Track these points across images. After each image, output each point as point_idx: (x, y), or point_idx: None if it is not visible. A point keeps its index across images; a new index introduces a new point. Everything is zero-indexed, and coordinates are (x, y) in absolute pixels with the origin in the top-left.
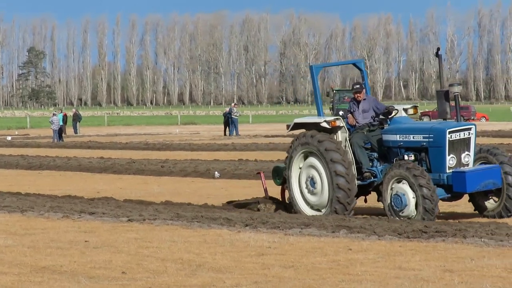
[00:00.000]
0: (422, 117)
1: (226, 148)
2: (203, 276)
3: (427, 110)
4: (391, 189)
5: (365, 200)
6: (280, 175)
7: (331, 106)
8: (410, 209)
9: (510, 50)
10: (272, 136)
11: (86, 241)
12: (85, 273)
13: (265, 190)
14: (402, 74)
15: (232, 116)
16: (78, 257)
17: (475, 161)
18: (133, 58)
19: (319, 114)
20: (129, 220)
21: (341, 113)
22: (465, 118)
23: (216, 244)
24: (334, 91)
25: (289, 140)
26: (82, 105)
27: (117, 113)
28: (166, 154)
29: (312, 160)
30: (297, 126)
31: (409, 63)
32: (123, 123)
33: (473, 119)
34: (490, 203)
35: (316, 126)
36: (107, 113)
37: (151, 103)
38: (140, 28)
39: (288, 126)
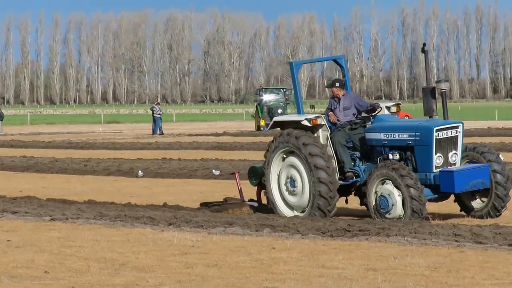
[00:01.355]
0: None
1: (149, 147)
2: (126, 275)
3: None
4: (376, 190)
5: (346, 201)
6: (257, 175)
7: (257, 105)
8: (397, 210)
9: (433, 49)
10: (196, 135)
11: (8, 240)
12: (7, 272)
13: (240, 191)
14: (326, 73)
15: (155, 115)
16: (0, 257)
17: (461, 160)
18: (56, 57)
19: (299, 112)
20: (52, 219)
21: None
22: None
23: (139, 243)
24: (263, 89)
25: (213, 139)
26: (5, 103)
27: (40, 112)
28: (89, 153)
29: (293, 159)
30: (276, 124)
31: (333, 62)
32: (46, 121)
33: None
34: (477, 203)
35: (296, 124)
36: (30, 112)
37: (75, 101)
38: (63, 26)
39: (267, 125)
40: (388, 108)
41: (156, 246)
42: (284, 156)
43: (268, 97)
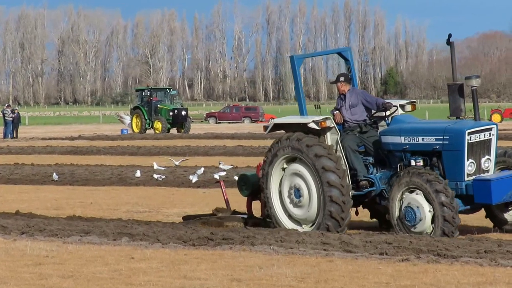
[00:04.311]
0: (208, 119)
1: (0, 151)
2: None
3: (213, 111)
4: (401, 200)
5: (357, 213)
6: (248, 185)
7: (139, 106)
8: (426, 224)
9: (300, 48)
10: (50, 139)
11: None
12: None
13: (227, 202)
14: (187, 73)
15: (6, 118)
16: None
17: (495, 166)
18: None
19: (302, 112)
20: None
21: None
22: (252, 119)
23: None
24: (150, 89)
25: (67, 143)
26: None
27: None
28: None
29: (298, 166)
30: (277, 127)
31: (194, 61)
32: None
33: (261, 121)
34: (510, 215)
35: (301, 127)
36: None
37: None
38: None
39: (265, 128)
40: (402, 107)
41: (8, 256)
42: (285, 165)
43: (155, 98)
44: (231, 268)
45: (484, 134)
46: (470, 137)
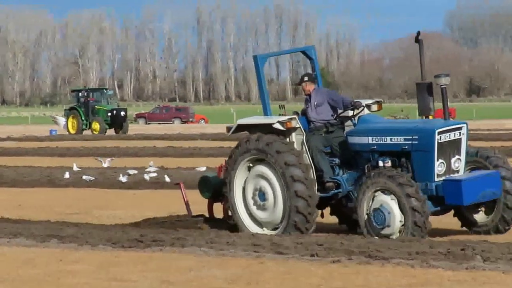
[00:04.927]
0: (138, 119)
1: None
2: None
3: (143, 111)
4: (369, 202)
5: (322, 215)
6: (209, 187)
7: (75, 106)
8: (395, 225)
9: (230, 48)
10: None
11: None
12: None
13: (187, 205)
14: (117, 73)
15: None
16: None
17: (465, 166)
18: None
19: (266, 113)
20: None
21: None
22: (183, 120)
23: None
24: (88, 90)
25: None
26: None
27: None
28: None
29: (262, 168)
30: (241, 128)
31: (124, 62)
32: None
33: (191, 121)
34: (481, 216)
35: (265, 127)
36: None
37: None
38: None
39: (228, 129)
40: (368, 106)
41: None
42: (250, 165)
43: (92, 98)
44: (162, 270)
45: (454, 134)
46: (440, 137)
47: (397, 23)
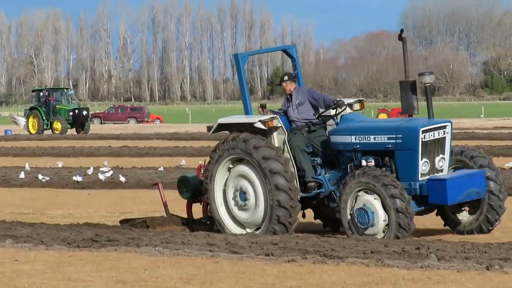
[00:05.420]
0: (93, 119)
1: None
2: None
3: (98, 111)
4: (353, 202)
5: (304, 215)
6: (189, 187)
7: (36, 106)
8: (379, 225)
9: (186, 47)
10: None
11: None
12: None
13: (165, 205)
14: (72, 73)
15: None
16: None
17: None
18: None
19: (247, 112)
20: None
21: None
22: (138, 120)
23: None
24: (48, 89)
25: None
26: None
27: None
28: None
29: (242, 168)
30: (221, 127)
31: (79, 61)
32: None
33: (147, 121)
34: (464, 216)
35: (246, 127)
36: None
37: None
38: None
39: (209, 128)
40: (350, 105)
41: None
42: (231, 165)
43: (53, 98)
44: (116, 270)
45: (439, 132)
46: (424, 136)
47: (351, 22)
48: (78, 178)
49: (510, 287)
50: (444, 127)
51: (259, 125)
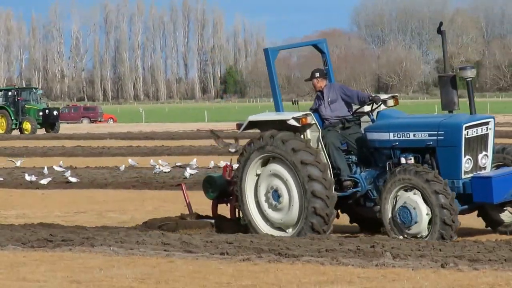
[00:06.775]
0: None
1: None
2: None
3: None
4: (395, 199)
5: (337, 216)
6: (215, 187)
7: (4, 105)
8: (422, 225)
9: (138, 47)
10: None
11: None
12: None
13: (189, 205)
14: (25, 73)
15: None
16: None
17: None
18: None
19: (278, 109)
20: None
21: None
22: (91, 119)
23: None
24: (17, 89)
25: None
26: None
27: None
28: None
29: (276, 167)
30: (252, 125)
31: (32, 61)
32: None
33: (100, 121)
34: (507, 216)
35: (279, 124)
36: None
37: None
38: None
39: (239, 126)
40: (384, 102)
41: None
42: (261, 166)
43: (21, 97)
44: (71, 270)
45: (482, 129)
46: (467, 132)
47: (303, 21)
48: (31, 179)
49: (464, 285)
50: (487, 123)
51: (293, 122)
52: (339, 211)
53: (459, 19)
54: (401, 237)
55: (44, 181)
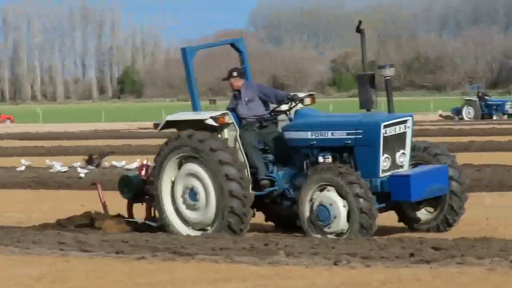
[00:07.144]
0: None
1: None
2: None
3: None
4: (313, 198)
5: (253, 214)
6: (130, 187)
7: None
8: (341, 221)
9: (36, 48)
10: None
11: None
12: None
13: (104, 205)
14: None
15: None
16: None
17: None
18: None
19: (196, 108)
20: None
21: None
22: None
23: None
24: None
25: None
26: None
27: None
28: None
29: (192, 166)
30: (169, 124)
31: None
32: None
33: None
34: (423, 214)
35: (196, 123)
36: None
37: None
38: None
39: (156, 125)
40: (301, 100)
41: None
42: (178, 166)
43: None
44: None
45: (400, 127)
46: (386, 131)
47: (202, 21)
48: None
49: (357, 282)
50: (405, 121)
51: (210, 122)
52: (254, 209)
53: (355, 19)
54: (319, 236)
55: None
